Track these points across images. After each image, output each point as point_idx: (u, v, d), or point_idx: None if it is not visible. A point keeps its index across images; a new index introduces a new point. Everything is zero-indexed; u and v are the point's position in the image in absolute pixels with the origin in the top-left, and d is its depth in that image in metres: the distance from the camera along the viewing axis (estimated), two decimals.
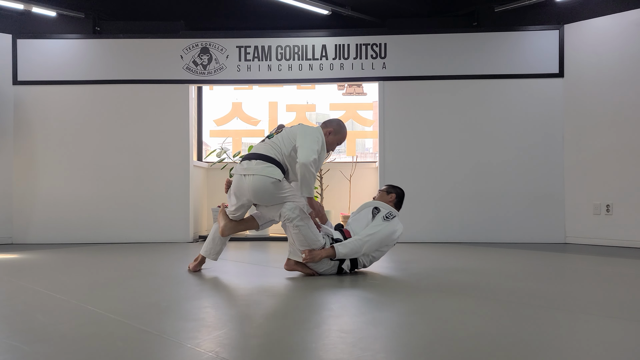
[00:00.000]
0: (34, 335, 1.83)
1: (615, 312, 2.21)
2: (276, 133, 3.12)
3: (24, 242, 5.29)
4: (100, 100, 5.41)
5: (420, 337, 1.82)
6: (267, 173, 2.91)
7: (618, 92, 4.96)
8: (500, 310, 2.24)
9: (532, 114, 5.30)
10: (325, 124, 3.19)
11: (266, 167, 2.93)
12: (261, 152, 3.00)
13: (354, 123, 6.81)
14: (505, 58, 5.33)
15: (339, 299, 2.48)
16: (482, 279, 3.06)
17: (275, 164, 2.96)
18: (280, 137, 3.06)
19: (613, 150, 4.98)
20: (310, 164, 2.83)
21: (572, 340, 1.81)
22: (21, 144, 5.36)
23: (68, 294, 2.58)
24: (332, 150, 3.28)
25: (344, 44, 5.45)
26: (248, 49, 5.47)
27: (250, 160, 2.99)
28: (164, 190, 5.39)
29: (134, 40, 5.44)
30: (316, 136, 2.96)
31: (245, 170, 2.97)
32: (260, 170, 2.92)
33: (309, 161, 2.83)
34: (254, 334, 1.90)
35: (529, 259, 4.06)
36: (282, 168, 2.99)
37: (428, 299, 2.49)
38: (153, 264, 3.79)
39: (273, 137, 3.09)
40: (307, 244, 2.97)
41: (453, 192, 5.34)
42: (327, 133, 3.12)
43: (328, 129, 3.14)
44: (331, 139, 3.14)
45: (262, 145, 3.09)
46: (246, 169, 2.97)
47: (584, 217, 5.12)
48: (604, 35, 5.05)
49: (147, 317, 2.09)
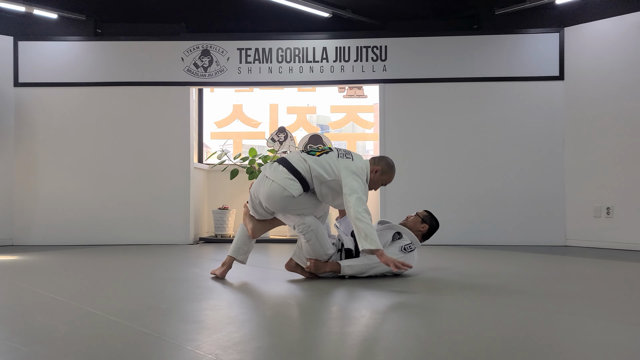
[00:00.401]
0: (33, 337, 1.83)
1: (616, 315, 2.21)
2: (319, 154, 2.92)
3: (25, 244, 5.30)
4: (101, 102, 5.42)
5: (419, 340, 1.82)
6: (286, 185, 2.82)
7: (619, 95, 4.97)
8: (500, 313, 2.24)
9: (532, 117, 5.31)
10: (375, 160, 3.04)
11: (288, 180, 2.83)
12: (292, 163, 2.88)
13: (355, 125, 6.82)
14: (506, 61, 5.34)
15: (340, 301, 2.47)
16: (482, 281, 3.06)
17: (299, 179, 2.84)
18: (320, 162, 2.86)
19: (614, 153, 4.98)
20: (361, 215, 2.68)
21: (573, 343, 1.81)
22: (22, 146, 5.37)
23: (68, 295, 2.58)
24: (375, 189, 3.08)
25: (345, 47, 5.46)
26: (249, 51, 5.48)
27: (279, 165, 2.91)
28: (164, 192, 5.39)
29: (135, 42, 5.46)
30: (362, 180, 2.84)
31: (270, 174, 2.89)
32: (281, 180, 2.83)
33: (360, 213, 2.69)
34: (254, 337, 1.90)
35: (530, 261, 4.05)
36: (305, 184, 2.86)
37: (428, 301, 2.48)
38: (153, 266, 3.79)
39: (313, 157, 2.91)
40: (314, 255, 2.98)
41: (453, 194, 5.34)
42: (373, 170, 2.98)
43: (376, 167, 2.99)
44: (377, 177, 3.00)
45: (297, 156, 2.95)
46: (270, 173, 2.89)
47: (585, 220, 5.12)
48: (605, 38, 5.06)
49: (148, 319, 2.09)
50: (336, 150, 2.96)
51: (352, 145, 6.74)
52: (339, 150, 2.99)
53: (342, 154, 2.94)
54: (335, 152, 2.94)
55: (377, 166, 3.00)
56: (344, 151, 2.98)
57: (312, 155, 2.92)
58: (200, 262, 4.01)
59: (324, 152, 2.93)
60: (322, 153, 2.92)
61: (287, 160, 2.91)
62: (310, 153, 2.94)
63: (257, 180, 2.99)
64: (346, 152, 2.97)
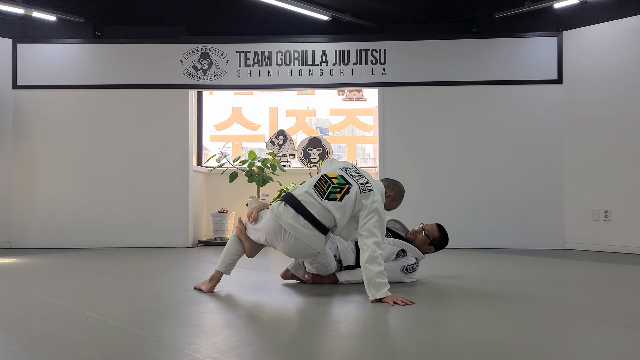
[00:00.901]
0: (31, 341, 1.83)
1: (616, 318, 2.21)
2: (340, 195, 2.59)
3: (23, 247, 5.29)
4: (100, 104, 5.42)
5: (417, 344, 1.82)
6: (311, 243, 2.60)
7: (616, 99, 4.98)
8: (499, 317, 2.24)
9: (531, 120, 5.31)
10: (390, 185, 2.85)
11: (312, 237, 2.58)
12: (315, 215, 2.57)
13: (354, 129, 6.83)
14: (504, 64, 5.35)
15: (338, 305, 2.47)
16: (481, 285, 3.06)
17: (323, 230, 2.61)
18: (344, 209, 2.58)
19: (612, 157, 4.98)
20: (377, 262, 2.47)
21: (573, 347, 1.81)
22: (20, 148, 5.36)
23: (66, 299, 2.57)
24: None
25: (344, 50, 5.47)
26: (248, 54, 5.48)
27: (298, 215, 2.57)
28: (163, 195, 5.39)
29: (134, 45, 5.46)
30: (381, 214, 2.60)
31: (290, 227, 2.56)
32: (305, 237, 2.57)
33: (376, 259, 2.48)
34: (252, 340, 1.90)
35: (528, 265, 4.05)
36: (327, 230, 2.65)
37: (426, 305, 2.48)
38: (152, 269, 3.78)
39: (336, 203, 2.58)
40: (315, 272, 2.97)
41: (452, 197, 5.34)
42: (386, 194, 2.81)
43: (389, 192, 2.82)
44: (387, 203, 2.83)
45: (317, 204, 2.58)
46: (291, 227, 2.56)
47: (583, 223, 5.12)
48: (603, 41, 5.07)
49: (146, 323, 2.09)
50: (355, 184, 2.63)
51: (351, 148, 6.74)
52: (357, 179, 2.66)
53: (362, 186, 2.63)
54: (355, 187, 2.61)
55: (390, 192, 2.84)
56: (363, 181, 2.66)
57: (333, 199, 2.58)
58: (198, 265, 4.00)
59: (344, 189, 2.60)
60: (343, 193, 2.59)
61: (308, 212, 2.57)
62: (330, 197, 2.58)
63: (271, 226, 2.62)
64: (366, 182, 2.66)
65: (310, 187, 2.64)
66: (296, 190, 2.69)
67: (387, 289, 2.45)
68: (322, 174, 2.71)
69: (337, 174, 2.68)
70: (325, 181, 2.65)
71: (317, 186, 2.64)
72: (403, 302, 2.37)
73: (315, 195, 2.60)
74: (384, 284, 2.46)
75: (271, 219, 2.62)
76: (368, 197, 2.60)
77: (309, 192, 2.62)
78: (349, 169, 2.75)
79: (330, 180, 2.65)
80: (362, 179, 2.68)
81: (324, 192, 2.60)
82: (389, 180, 2.91)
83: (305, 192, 2.62)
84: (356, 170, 2.76)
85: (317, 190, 2.62)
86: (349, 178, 2.66)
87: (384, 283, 2.46)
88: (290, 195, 2.66)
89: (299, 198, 2.62)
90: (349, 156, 6.72)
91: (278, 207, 2.62)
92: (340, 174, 2.69)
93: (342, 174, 2.69)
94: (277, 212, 2.60)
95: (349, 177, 2.67)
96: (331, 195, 2.59)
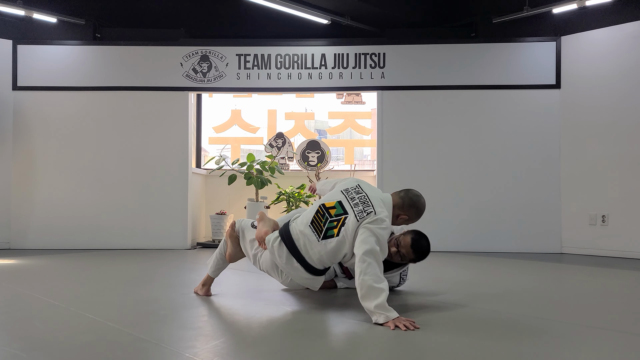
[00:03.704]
0: (33, 344, 1.84)
1: (613, 324, 2.23)
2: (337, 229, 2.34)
3: (22, 247, 5.29)
4: (99, 106, 5.43)
5: (417, 349, 1.84)
6: (308, 284, 2.54)
7: (614, 104, 5.01)
8: (497, 321, 2.26)
9: (529, 125, 5.34)
10: (405, 205, 2.49)
11: (307, 279, 2.48)
12: (308, 259, 2.39)
13: (353, 132, 6.85)
14: (503, 69, 5.38)
15: (337, 309, 2.49)
16: (478, 290, 3.08)
17: (320, 274, 2.50)
18: (340, 247, 2.35)
19: (609, 161, 5.01)
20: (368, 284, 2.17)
21: (569, 352, 1.83)
22: (20, 149, 5.37)
23: (66, 301, 2.58)
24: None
25: (343, 54, 5.49)
26: (248, 57, 5.50)
27: (291, 257, 2.40)
28: (162, 197, 5.40)
29: (134, 47, 5.47)
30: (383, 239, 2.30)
31: (283, 267, 2.45)
32: (299, 279, 2.49)
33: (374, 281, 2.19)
34: (252, 344, 1.92)
35: (525, 269, 4.07)
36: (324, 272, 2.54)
37: (424, 310, 2.50)
38: (151, 271, 3.80)
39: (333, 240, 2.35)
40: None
41: (450, 201, 5.36)
42: (398, 215, 2.49)
43: (403, 215, 2.50)
44: (400, 222, 2.53)
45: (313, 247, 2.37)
46: (284, 267, 2.44)
47: (580, 228, 5.15)
48: (601, 47, 5.10)
49: (146, 326, 2.10)
50: (352, 211, 2.34)
51: (349, 151, 6.76)
52: (356, 204, 2.36)
53: (359, 213, 2.32)
54: (351, 216, 2.33)
55: (405, 214, 2.49)
56: (362, 205, 2.35)
57: (331, 236, 2.34)
58: (197, 267, 4.01)
59: (340, 222, 2.34)
60: (339, 226, 2.34)
61: (302, 256, 2.39)
62: (328, 234, 2.35)
63: (268, 257, 2.51)
64: (365, 206, 2.34)
65: (308, 225, 2.40)
66: (293, 224, 2.47)
67: (387, 317, 2.12)
68: (320, 204, 2.45)
69: (336, 200, 2.42)
70: (322, 214, 2.40)
71: (315, 223, 2.40)
72: (406, 326, 2.07)
73: (312, 235, 2.38)
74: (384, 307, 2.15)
75: (268, 252, 2.47)
76: (364, 234, 2.26)
77: (305, 232, 2.39)
78: (351, 190, 2.45)
79: (328, 212, 2.40)
80: (362, 202, 2.36)
81: (321, 229, 2.37)
82: (405, 196, 2.50)
83: (302, 232, 2.39)
84: (359, 189, 2.44)
85: (314, 227, 2.39)
86: (347, 204, 2.37)
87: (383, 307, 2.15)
88: (286, 231, 2.44)
89: (294, 238, 2.40)
90: (347, 159, 6.73)
91: (273, 242, 2.42)
92: (339, 199, 2.41)
93: (340, 199, 2.41)
94: (272, 248, 2.42)
95: (347, 203, 2.38)
96: (329, 232, 2.35)
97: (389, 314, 2.12)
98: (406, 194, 2.52)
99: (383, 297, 2.15)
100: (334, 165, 6.46)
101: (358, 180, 2.56)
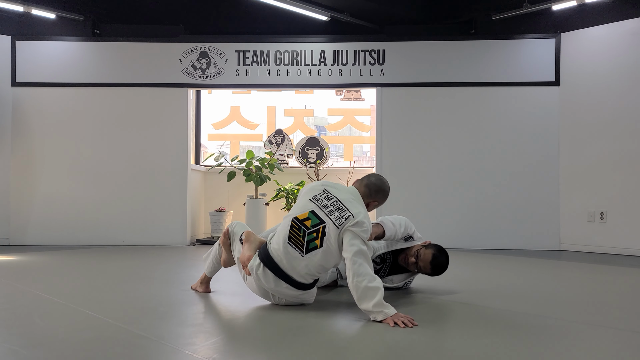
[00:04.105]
0: (33, 340, 1.85)
1: (611, 321, 2.24)
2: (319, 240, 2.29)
3: (22, 243, 5.30)
4: (98, 102, 5.43)
5: (412, 345, 1.85)
6: (301, 300, 2.44)
7: (613, 101, 5.01)
8: (496, 319, 2.27)
9: (528, 122, 5.35)
10: (372, 192, 2.50)
11: (299, 295, 2.40)
12: (295, 276, 2.32)
13: (352, 128, 6.85)
14: (502, 66, 5.38)
15: (336, 306, 2.49)
16: (476, 287, 3.09)
17: (311, 287, 2.43)
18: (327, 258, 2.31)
19: (608, 158, 5.02)
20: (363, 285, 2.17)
21: (563, 349, 1.84)
22: (19, 145, 5.37)
23: (66, 297, 2.59)
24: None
25: (343, 50, 5.49)
26: (247, 53, 5.50)
27: (278, 280, 2.32)
28: (161, 193, 5.40)
29: (133, 43, 5.46)
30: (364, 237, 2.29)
31: (274, 291, 2.38)
32: (292, 297, 2.40)
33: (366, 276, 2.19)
34: (252, 341, 1.92)
35: (523, 266, 4.09)
36: (314, 284, 2.47)
37: (418, 307, 2.51)
38: (151, 268, 3.80)
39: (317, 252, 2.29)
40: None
41: (448, 197, 5.37)
42: (368, 203, 2.50)
43: (372, 202, 2.52)
44: (371, 208, 2.55)
45: (297, 257, 2.29)
46: (275, 290, 2.37)
47: (579, 225, 5.16)
48: (600, 44, 5.10)
49: (146, 322, 2.11)
50: (329, 220, 2.29)
51: (349, 148, 6.76)
52: (331, 212, 2.32)
53: (337, 220, 2.29)
54: (329, 224, 2.29)
55: (374, 200, 2.52)
56: (337, 212, 2.31)
57: (314, 248, 2.29)
58: (196, 264, 4.02)
59: (320, 231, 2.30)
60: (320, 236, 2.29)
61: (288, 276, 2.32)
62: (311, 246, 2.28)
63: (255, 285, 2.42)
64: (340, 212, 2.31)
65: (286, 243, 2.31)
66: (271, 245, 2.38)
67: (385, 314, 2.14)
68: (293, 218, 2.35)
69: (308, 210, 2.35)
70: (298, 228, 2.32)
71: (293, 238, 2.31)
72: (404, 323, 2.08)
73: (295, 251, 2.30)
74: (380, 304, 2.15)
75: (254, 280, 2.39)
76: (348, 234, 2.26)
77: (287, 250, 2.30)
78: (320, 197, 2.39)
79: (303, 224, 2.32)
80: (337, 208, 2.32)
81: (302, 243, 2.30)
82: (370, 184, 2.52)
83: (283, 252, 2.30)
84: (329, 194, 2.39)
85: (294, 244, 2.30)
86: (321, 213, 2.32)
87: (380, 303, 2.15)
88: (267, 255, 2.35)
89: (277, 260, 2.31)
90: (346, 155, 6.74)
91: (257, 270, 2.34)
92: (310, 209, 2.35)
93: (312, 208, 2.35)
94: (257, 275, 2.35)
95: (321, 212, 2.33)
96: (311, 245, 2.29)
97: (387, 311, 2.14)
98: (369, 181, 2.53)
99: (379, 295, 2.15)
100: (333, 162, 6.47)
101: (323, 183, 2.50)
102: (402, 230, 2.77)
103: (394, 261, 2.91)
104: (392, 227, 2.71)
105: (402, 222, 2.79)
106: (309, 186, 2.52)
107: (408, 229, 2.82)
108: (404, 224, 2.80)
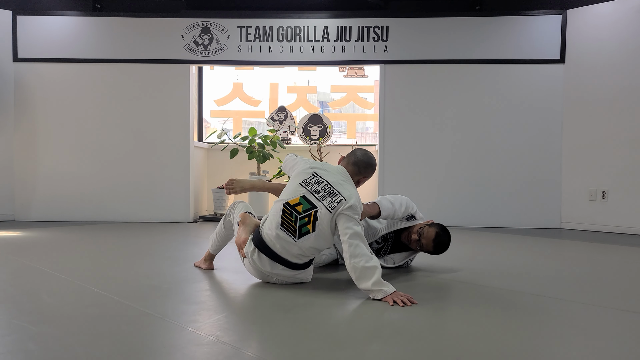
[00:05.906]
0: (40, 316, 1.89)
1: (612, 301, 2.27)
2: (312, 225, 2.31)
3: (26, 219, 5.35)
4: (101, 79, 5.41)
5: (412, 323, 1.88)
6: (299, 280, 2.47)
7: (617, 79, 4.97)
8: (496, 298, 2.30)
9: (532, 100, 5.31)
10: (361, 169, 2.51)
11: (296, 275, 2.44)
12: (290, 258, 2.35)
13: (355, 105, 6.82)
14: (507, 43, 5.32)
15: (338, 284, 2.53)
16: (477, 266, 3.12)
17: (307, 267, 2.47)
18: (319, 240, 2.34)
19: (610, 138, 5.01)
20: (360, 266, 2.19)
21: (562, 330, 1.87)
22: (22, 121, 5.38)
23: (72, 274, 2.63)
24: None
25: (346, 26, 5.43)
26: (249, 29, 5.44)
27: (273, 262, 2.36)
28: (165, 170, 5.43)
29: (134, 18, 5.41)
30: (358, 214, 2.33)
31: (271, 273, 2.41)
32: (289, 277, 2.44)
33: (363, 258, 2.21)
34: (254, 320, 1.96)
35: (525, 244, 4.12)
36: (310, 263, 2.50)
37: (417, 285, 2.54)
38: (154, 245, 3.85)
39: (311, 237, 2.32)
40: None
41: (451, 175, 5.38)
42: (358, 180, 2.54)
43: (362, 178, 2.56)
44: (361, 182, 2.59)
45: (291, 242, 2.32)
46: (272, 273, 2.41)
47: (580, 203, 5.18)
48: (606, 21, 5.03)
49: (150, 300, 2.15)
50: (321, 204, 2.32)
51: (352, 125, 6.74)
52: (322, 197, 2.33)
53: (329, 204, 2.31)
54: (322, 209, 2.31)
55: (363, 176, 2.55)
56: (329, 196, 2.33)
57: (307, 232, 2.31)
58: (200, 241, 4.07)
59: (312, 216, 2.32)
60: (312, 220, 2.31)
61: (284, 259, 2.35)
62: (303, 231, 2.31)
63: (253, 269, 2.46)
64: (332, 196, 2.33)
65: (279, 228, 2.33)
66: (263, 231, 2.39)
67: (384, 292, 2.17)
68: (284, 203, 2.36)
69: (299, 195, 2.36)
70: (290, 213, 2.34)
71: (285, 224, 2.33)
72: (403, 302, 2.12)
73: (287, 237, 2.32)
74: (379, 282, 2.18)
75: (250, 264, 2.44)
76: (339, 209, 2.29)
77: (279, 235, 2.32)
78: (310, 181, 2.40)
79: (295, 209, 2.34)
80: (328, 193, 2.34)
81: (294, 229, 2.32)
82: (357, 161, 2.52)
83: (276, 237, 2.32)
84: (319, 178, 2.40)
85: (287, 229, 2.32)
86: (312, 197, 2.34)
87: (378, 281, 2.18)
88: (260, 240, 2.37)
89: (270, 245, 2.34)
90: (349, 133, 6.73)
91: (252, 254, 2.38)
92: (301, 194, 2.36)
93: (303, 193, 2.36)
94: (252, 260, 2.39)
95: (312, 197, 2.34)
96: (303, 229, 2.31)
97: (387, 289, 2.17)
98: (357, 158, 2.53)
99: (377, 274, 2.19)
100: (336, 139, 6.46)
101: (312, 166, 2.49)
102: (403, 209, 2.79)
103: (396, 239, 2.94)
104: (391, 207, 2.72)
105: (402, 202, 2.80)
106: (298, 169, 2.51)
107: (409, 209, 2.84)
108: (405, 203, 2.81)
